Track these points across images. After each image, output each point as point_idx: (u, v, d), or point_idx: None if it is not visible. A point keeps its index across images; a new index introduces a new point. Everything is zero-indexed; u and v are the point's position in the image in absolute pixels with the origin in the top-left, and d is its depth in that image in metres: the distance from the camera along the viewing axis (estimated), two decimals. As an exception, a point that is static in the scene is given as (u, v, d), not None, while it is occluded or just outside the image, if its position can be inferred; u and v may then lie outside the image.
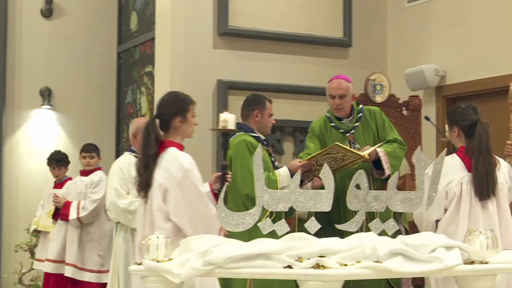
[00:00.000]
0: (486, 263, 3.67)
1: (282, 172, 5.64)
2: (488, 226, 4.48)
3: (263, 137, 5.84)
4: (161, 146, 4.57)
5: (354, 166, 5.57)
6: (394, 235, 3.72)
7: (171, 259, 3.52)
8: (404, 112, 7.02)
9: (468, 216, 4.51)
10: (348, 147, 5.64)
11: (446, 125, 4.93)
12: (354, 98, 5.95)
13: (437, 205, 4.55)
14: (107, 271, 7.38)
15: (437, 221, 4.71)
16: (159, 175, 4.46)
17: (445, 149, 4.39)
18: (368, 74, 6.98)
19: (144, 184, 4.48)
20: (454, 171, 4.59)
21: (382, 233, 3.79)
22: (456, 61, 8.12)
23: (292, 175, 5.54)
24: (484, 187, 4.54)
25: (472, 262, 3.65)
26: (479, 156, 4.57)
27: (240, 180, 5.56)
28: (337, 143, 5.56)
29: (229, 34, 7.99)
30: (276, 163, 5.93)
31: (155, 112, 4.73)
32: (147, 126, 4.58)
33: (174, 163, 4.50)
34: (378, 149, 5.69)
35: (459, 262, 3.57)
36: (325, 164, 3.88)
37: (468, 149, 4.62)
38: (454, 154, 4.68)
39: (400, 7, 8.79)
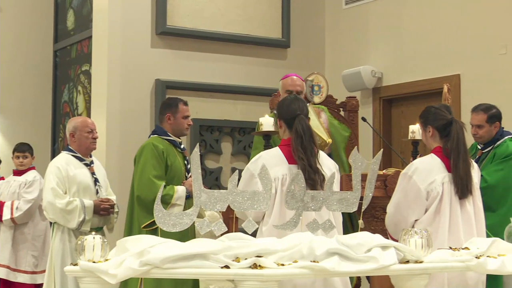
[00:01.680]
0: (421, 262, 3.72)
1: (180, 191, 5.73)
2: (467, 225, 4.54)
3: (179, 140, 5.97)
4: None
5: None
6: None
7: (107, 260, 3.48)
8: (342, 113, 7.07)
9: (449, 216, 4.54)
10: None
11: (419, 126, 4.92)
12: (305, 98, 6.02)
13: (418, 205, 4.57)
14: (42, 271, 7.29)
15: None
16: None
17: (381, 149, 4.43)
18: (306, 75, 7.01)
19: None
20: (435, 171, 4.59)
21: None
22: (393, 63, 8.22)
23: (188, 196, 5.68)
24: (465, 186, 4.58)
25: (407, 262, 3.70)
26: (458, 155, 4.58)
27: (136, 181, 5.78)
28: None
29: (167, 34, 7.95)
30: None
31: (305, 115, 4.56)
32: (310, 129, 4.49)
33: (330, 161, 4.59)
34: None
35: (395, 261, 3.62)
36: (263, 164, 3.88)
37: (445, 149, 4.65)
38: (433, 154, 4.66)
39: (337, 9, 8.87)
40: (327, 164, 4.48)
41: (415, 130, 6.11)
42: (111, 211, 6.02)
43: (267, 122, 5.64)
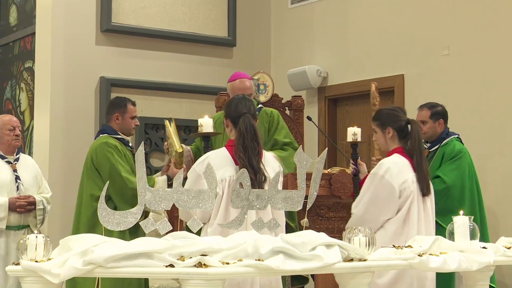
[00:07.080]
0: (365, 260, 3.75)
1: (161, 181, 5.72)
2: (426, 222, 4.68)
3: (127, 139, 5.96)
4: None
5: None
6: None
7: (50, 259, 3.44)
8: (287, 112, 7.10)
9: (417, 214, 4.62)
10: (171, 130, 5.72)
11: (374, 128, 4.93)
12: (252, 97, 6.03)
13: (391, 204, 4.62)
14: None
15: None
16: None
17: (326, 148, 4.46)
18: (252, 74, 7.02)
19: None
20: (406, 171, 4.66)
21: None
22: (338, 62, 8.28)
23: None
24: (428, 184, 4.70)
25: (351, 260, 3.73)
26: (421, 154, 4.68)
27: (109, 182, 5.67)
28: (166, 120, 5.75)
29: (112, 31, 7.89)
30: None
31: (252, 114, 4.54)
32: (254, 128, 4.45)
33: (275, 162, 4.59)
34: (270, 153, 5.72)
35: (339, 259, 3.64)
36: (208, 163, 3.87)
37: (407, 149, 4.72)
38: (398, 154, 4.72)
39: (283, 8, 8.89)
40: (272, 165, 4.49)
41: (357, 132, 6.14)
42: (28, 208, 5.95)
43: (206, 123, 5.62)
